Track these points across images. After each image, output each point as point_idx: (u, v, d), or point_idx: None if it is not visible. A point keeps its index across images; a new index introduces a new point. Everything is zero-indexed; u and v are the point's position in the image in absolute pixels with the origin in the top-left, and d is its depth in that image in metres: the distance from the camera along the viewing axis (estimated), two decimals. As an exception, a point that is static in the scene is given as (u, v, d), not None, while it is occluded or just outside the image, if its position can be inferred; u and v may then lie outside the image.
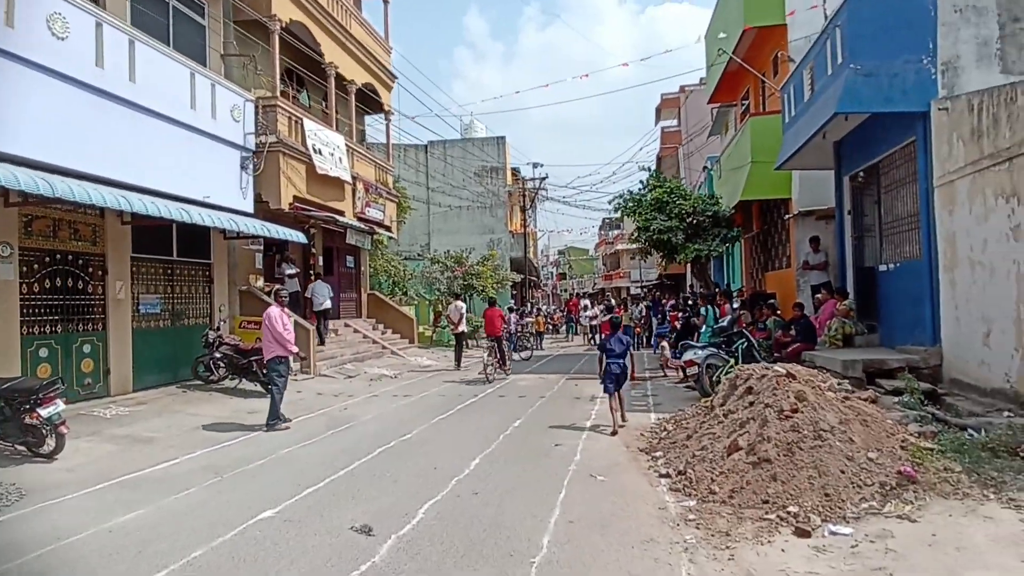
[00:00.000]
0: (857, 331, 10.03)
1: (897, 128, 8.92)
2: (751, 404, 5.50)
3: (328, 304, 14.64)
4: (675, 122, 33.39)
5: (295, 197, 13.31)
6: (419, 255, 26.65)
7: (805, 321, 10.01)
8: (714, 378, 8.84)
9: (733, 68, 16.47)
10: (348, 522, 4.31)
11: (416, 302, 22.73)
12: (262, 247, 13.86)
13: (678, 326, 10.94)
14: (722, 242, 14.02)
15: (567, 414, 8.40)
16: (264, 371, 10.11)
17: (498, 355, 12.85)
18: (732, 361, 8.99)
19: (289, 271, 14.55)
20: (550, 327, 23.38)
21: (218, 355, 10.58)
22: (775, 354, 9.88)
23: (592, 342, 21.54)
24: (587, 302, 26.39)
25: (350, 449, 6.57)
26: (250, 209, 11.98)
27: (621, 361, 7.73)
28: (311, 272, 15.88)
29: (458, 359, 15.00)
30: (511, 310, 18.38)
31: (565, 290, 61.38)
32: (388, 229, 17.93)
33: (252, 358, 10.24)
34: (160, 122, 9.75)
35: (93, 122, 8.44)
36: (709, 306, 10.05)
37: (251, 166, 12.17)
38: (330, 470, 5.69)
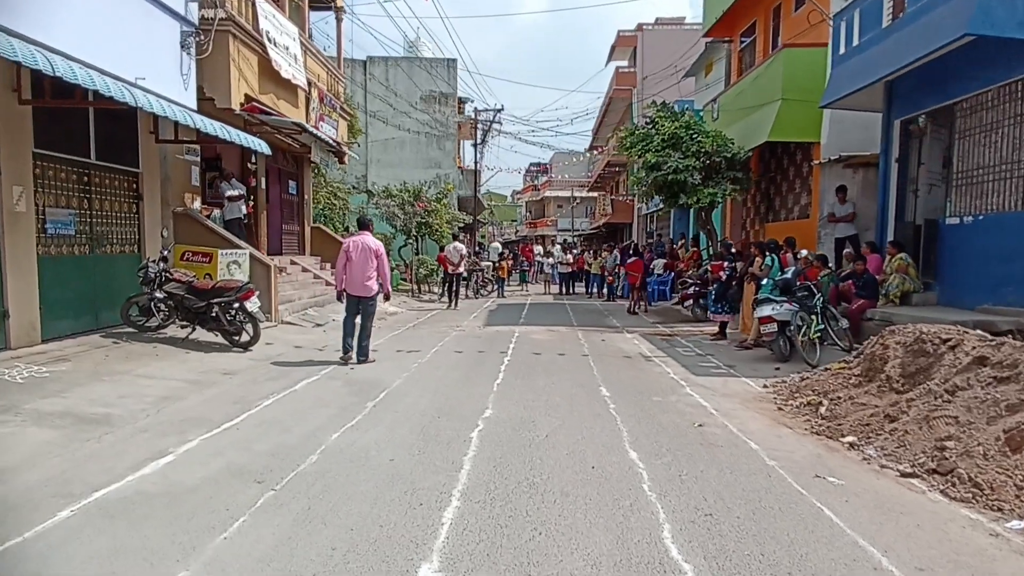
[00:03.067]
0: (915, 288, 9.29)
1: (999, 63, 7.91)
2: (1004, 380, 4.24)
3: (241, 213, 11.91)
4: (626, 63, 31.92)
5: (247, 96, 10.43)
6: (354, 187, 23.70)
7: (868, 276, 9.09)
8: (803, 339, 7.69)
9: (740, -1, 15.10)
10: (589, 590, 2.54)
11: (357, 240, 20.11)
12: (199, 158, 10.89)
13: (723, 276, 9.70)
14: (733, 187, 12.84)
15: (642, 379, 6.90)
16: (229, 316, 7.75)
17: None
18: (814, 319, 7.86)
19: (231, 192, 11.70)
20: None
21: (161, 295, 7.96)
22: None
23: (564, 290, 20.15)
24: (540, 248, 24.83)
25: (426, 433, 4.66)
26: (192, 104, 9.10)
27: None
28: (252, 197, 13.04)
29: (452, 300, 15.08)
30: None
31: (483, 236, 59.49)
32: (339, 152, 15.14)
33: (214, 300, 7.75)
34: (75, -43, 6.72)
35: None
36: (774, 256, 8.85)
37: (194, 47, 9.17)
38: (440, 474, 3.80)
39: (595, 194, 41.88)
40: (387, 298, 7.86)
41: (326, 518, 3.17)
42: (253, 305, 7.84)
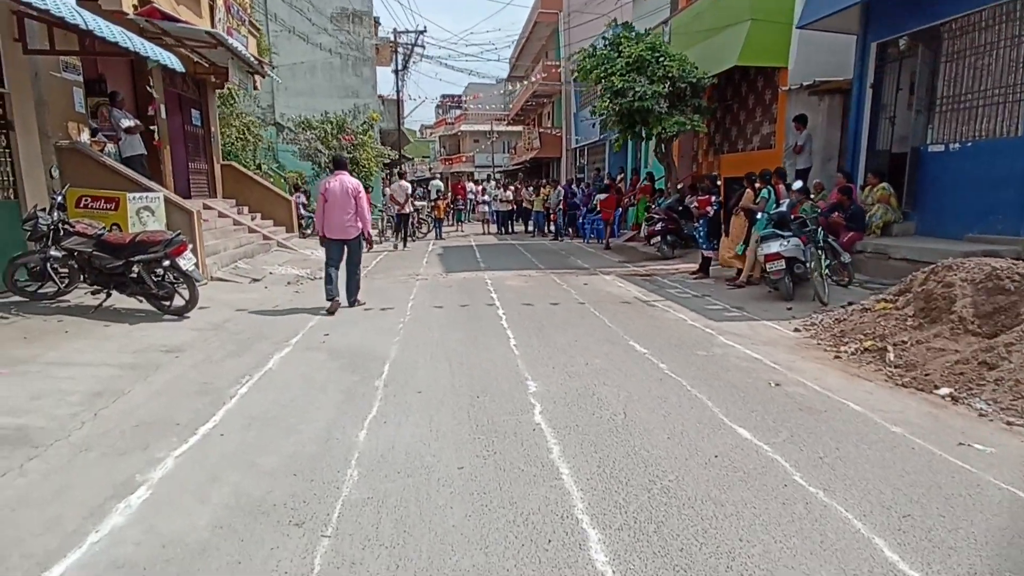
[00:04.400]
0: (895, 219, 9.18)
1: (1000, -21, 7.56)
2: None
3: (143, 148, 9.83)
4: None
5: (141, -2, 8.31)
6: (260, 119, 20.98)
7: (855, 207, 8.84)
8: (814, 276, 7.26)
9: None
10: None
11: (271, 178, 17.90)
12: (81, 76, 8.66)
13: (710, 211, 9.12)
14: (698, 116, 12.19)
15: (663, 328, 6.22)
16: (157, 277, 6.23)
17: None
18: (821, 255, 7.46)
19: (126, 122, 9.55)
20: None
21: (59, 253, 6.23)
22: (818, 244, 8.63)
23: (503, 229, 19.22)
24: (472, 185, 23.46)
25: (477, 421, 3.68)
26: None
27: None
28: (154, 129, 10.84)
29: (404, 239, 14.77)
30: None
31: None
32: (258, 72, 12.92)
33: (134, 257, 6.14)
34: None
35: None
36: (770, 187, 8.31)
37: (65, -76, 6.96)
38: (539, 485, 2.88)
39: (516, 128, 40.41)
40: (369, 243, 7.45)
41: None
42: (187, 262, 6.30)
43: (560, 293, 8.30)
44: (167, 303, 6.43)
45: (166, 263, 6.16)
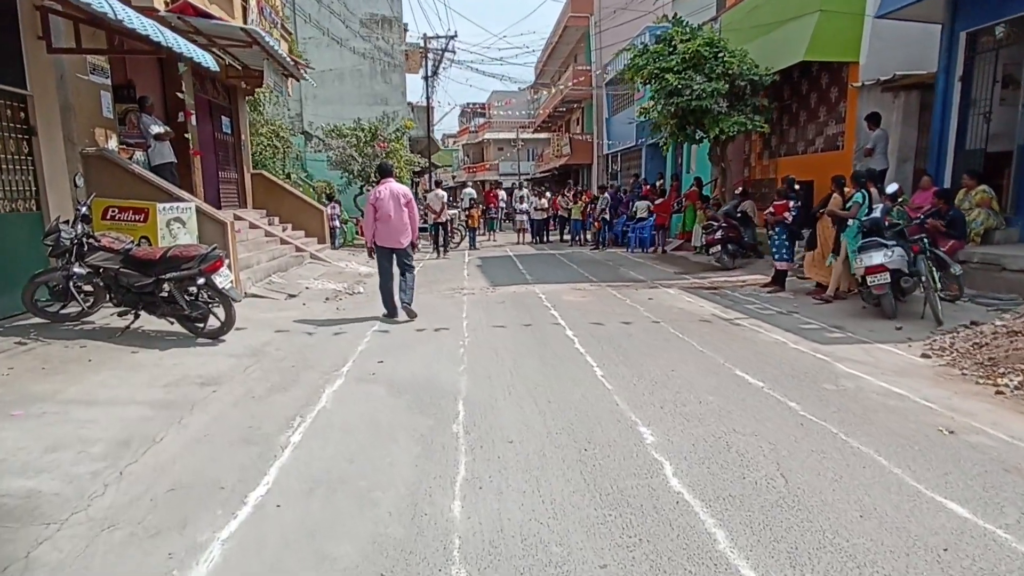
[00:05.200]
0: (997, 224, 8.24)
1: None
2: None
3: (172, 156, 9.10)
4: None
5: (173, -6, 7.75)
6: (288, 127, 20.55)
7: (956, 212, 7.90)
8: (929, 291, 6.35)
9: None
10: None
11: (301, 187, 17.38)
12: (109, 80, 8.11)
13: (788, 218, 8.25)
14: (759, 116, 11.32)
15: (765, 353, 5.38)
16: (189, 296, 5.57)
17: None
18: (932, 266, 6.55)
19: (156, 128, 8.99)
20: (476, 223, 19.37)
21: (83, 270, 5.60)
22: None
23: (539, 238, 18.49)
24: (503, 193, 22.74)
25: (598, 488, 2.89)
26: None
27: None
28: (187, 137, 10.29)
29: (438, 248, 14.77)
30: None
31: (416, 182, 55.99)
32: (294, 75, 12.36)
33: (165, 274, 5.47)
34: None
35: None
36: (864, 192, 7.42)
37: (93, -88, 6.40)
38: (717, 597, 2.09)
39: (542, 135, 39.72)
40: (414, 247, 7.00)
41: None
42: (223, 279, 5.62)
43: (627, 310, 7.49)
44: (201, 325, 5.76)
45: (200, 281, 5.48)
